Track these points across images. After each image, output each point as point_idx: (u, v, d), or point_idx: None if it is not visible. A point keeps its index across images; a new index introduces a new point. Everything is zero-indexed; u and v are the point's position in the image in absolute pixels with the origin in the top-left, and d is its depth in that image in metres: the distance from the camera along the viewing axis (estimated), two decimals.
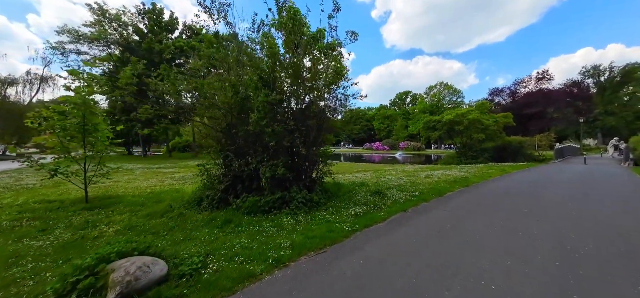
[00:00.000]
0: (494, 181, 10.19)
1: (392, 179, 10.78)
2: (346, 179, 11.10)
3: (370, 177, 11.91)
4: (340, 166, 19.18)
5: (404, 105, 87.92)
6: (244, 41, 6.26)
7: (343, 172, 14.89)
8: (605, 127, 47.06)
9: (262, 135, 5.43)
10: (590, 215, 5.31)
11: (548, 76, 30.84)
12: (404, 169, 15.97)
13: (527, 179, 10.63)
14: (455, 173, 13.47)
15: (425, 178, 11.42)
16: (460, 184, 9.33)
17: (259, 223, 4.56)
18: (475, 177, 11.49)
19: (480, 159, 20.71)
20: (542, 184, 9.13)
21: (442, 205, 6.33)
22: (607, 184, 9.20)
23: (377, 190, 7.46)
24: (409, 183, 9.67)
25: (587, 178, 10.84)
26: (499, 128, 20.95)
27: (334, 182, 8.68)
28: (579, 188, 8.38)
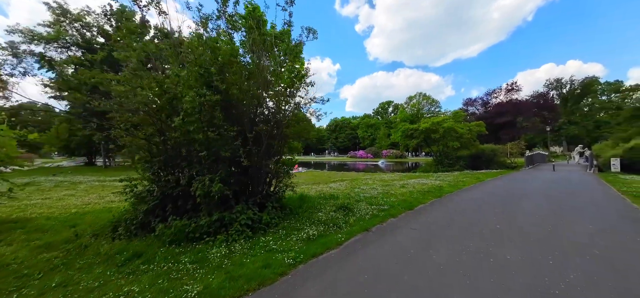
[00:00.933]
0: (467, 191, 9.70)
1: (366, 190, 10.05)
2: (318, 191, 10.22)
3: (344, 187, 11.13)
4: (318, 176, 18.31)
5: (387, 114, 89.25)
6: (198, 35, 5.29)
7: (319, 182, 14.03)
8: (569, 135, 49.90)
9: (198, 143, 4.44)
10: (567, 234, 4.74)
11: (517, 87, 32.13)
12: (382, 178, 15.37)
13: (500, 189, 10.25)
14: (430, 181, 13.02)
15: (400, 187, 10.81)
16: (434, 195, 8.73)
17: (176, 258, 3.52)
18: (449, 186, 11.02)
19: (456, 167, 20.65)
20: (516, 196, 8.71)
21: (411, 221, 5.58)
22: (580, 195, 8.94)
23: (344, 204, 6.61)
24: (382, 194, 8.96)
25: (559, 187, 10.65)
26: (473, 136, 21.09)
27: (299, 196, 7.76)
28: (553, 199, 8.00)
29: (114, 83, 4.30)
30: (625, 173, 15.57)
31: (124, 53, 4.40)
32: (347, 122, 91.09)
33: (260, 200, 5.42)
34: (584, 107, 54.86)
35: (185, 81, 4.27)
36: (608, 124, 46.77)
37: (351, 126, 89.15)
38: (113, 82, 4.34)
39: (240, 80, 5.07)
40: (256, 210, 5.02)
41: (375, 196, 8.34)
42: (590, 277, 3.07)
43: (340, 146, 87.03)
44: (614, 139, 22.06)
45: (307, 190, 10.35)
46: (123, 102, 4.13)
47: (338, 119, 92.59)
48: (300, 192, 8.53)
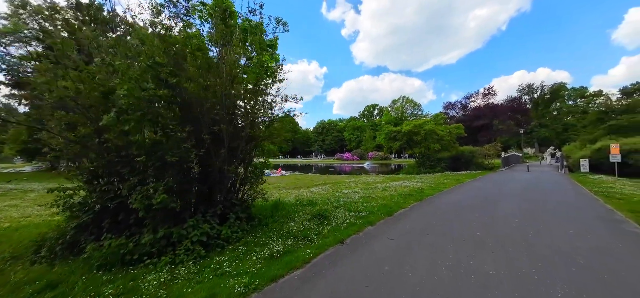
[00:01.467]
0: (447, 194, 9.49)
1: (347, 194, 9.60)
2: (298, 196, 9.64)
3: (325, 192, 10.62)
4: (301, 179, 17.72)
5: (372, 117, 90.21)
6: (151, 22, 4.58)
7: (300, 186, 13.45)
8: (540, 137, 52.51)
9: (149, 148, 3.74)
10: (548, 240, 4.47)
11: (493, 91, 33.31)
12: (365, 181, 15.02)
13: (479, 191, 10.14)
14: (412, 183, 12.81)
15: (382, 191, 10.47)
16: (415, 198, 8.41)
17: (98, 289, 2.82)
18: (430, 188, 10.81)
19: (437, 168, 20.79)
20: (495, 198, 8.57)
21: (389, 229, 5.14)
22: (555, 196, 8.96)
23: (321, 212, 6.07)
24: (363, 198, 8.53)
25: (535, 188, 10.71)
26: (453, 138, 21.36)
27: (274, 203, 7.15)
28: (530, 202, 7.90)
29: (35, 75, 3.52)
30: (594, 173, 16.23)
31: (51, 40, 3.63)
32: (334, 124, 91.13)
33: (223, 210, 4.78)
34: (553, 111, 58.08)
35: (125, 72, 3.57)
36: (575, 127, 49.71)
37: (338, 129, 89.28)
38: (35, 74, 3.56)
39: (199, 74, 4.42)
40: (216, 222, 4.37)
41: (356, 201, 7.89)
42: (579, 293, 2.72)
43: (327, 149, 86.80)
44: (581, 141, 23.24)
45: (286, 196, 9.76)
46: (42, 96, 3.36)
47: (325, 122, 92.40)
48: (275, 199, 7.92)
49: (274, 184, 14.17)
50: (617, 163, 15.25)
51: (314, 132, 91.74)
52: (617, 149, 15.27)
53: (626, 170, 15.33)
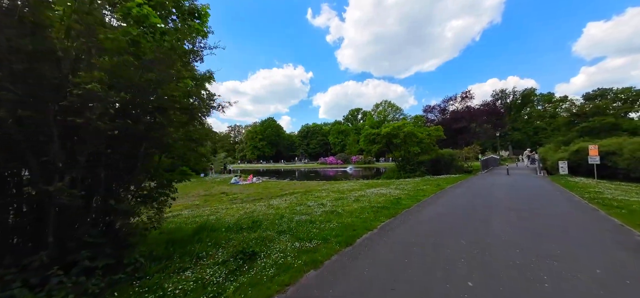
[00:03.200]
0: (427, 205, 7.86)
1: (311, 208, 7.75)
2: (248, 212, 7.67)
3: (286, 204, 8.72)
4: (271, 187, 15.66)
5: (356, 121, 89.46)
6: None
7: (262, 197, 11.45)
8: (514, 140, 53.58)
9: None
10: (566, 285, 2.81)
11: (470, 95, 33.06)
12: (340, 188, 13.24)
13: (462, 201, 8.62)
14: (390, 191, 11.19)
15: (354, 201, 8.73)
16: (388, 213, 6.69)
17: None
18: (408, 198, 9.20)
19: (417, 172, 19.49)
20: (482, 211, 7.02)
21: (341, 275, 3.31)
22: (547, 207, 7.58)
23: (248, 247, 4.12)
24: (325, 215, 6.70)
25: (521, 195, 9.38)
26: (432, 141, 20.21)
27: (197, 228, 5.14)
28: (522, 216, 6.39)
29: None
30: (573, 176, 15.45)
31: None
32: (319, 128, 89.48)
33: (60, 256, 2.74)
34: (524, 115, 59.78)
35: None
36: (545, 131, 51.15)
37: (322, 132, 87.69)
38: None
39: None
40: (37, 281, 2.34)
41: (314, 220, 6.03)
42: None
43: (311, 153, 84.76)
44: (555, 143, 22.97)
45: (233, 212, 7.74)
46: None
47: (309, 125, 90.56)
48: (204, 220, 5.92)
49: (235, 195, 12.07)
50: (596, 165, 14.51)
51: (299, 136, 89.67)
52: (595, 151, 14.50)
53: (604, 172, 14.60)
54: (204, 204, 9.69)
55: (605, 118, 21.32)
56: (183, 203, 9.99)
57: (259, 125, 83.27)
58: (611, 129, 20.21)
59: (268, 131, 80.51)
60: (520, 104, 56.55)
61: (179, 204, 9.86)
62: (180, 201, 10.58)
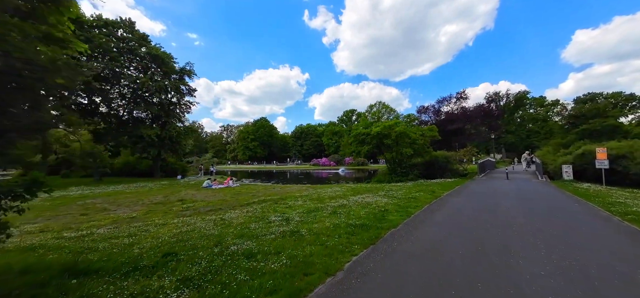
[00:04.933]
0: (420, 225, 6.03)
1: (269, 225, 5.89)
2: (184, 230, 5.75)
3: (244, 218, 6.82)
4: (247, 191, 13.55)
5: (351, 122, 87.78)
6: None
7: (226, 205, 9.49)
8: (507, 143, 52.62)
9: None
10: None
11: (465, 96, 31.65)
12: (320, 194, 11.37)
13: (463, 218, 6.85)
14: (377, 199, 9.39)
15: (330, 215, 6.90)
16: (367, 237, 4.84)
17: None
18: (397, 209, 7.40)
19: (410, 175, 17.75)
20: (492, 236, 5.23)
21: None
22: (578, 229, 5.84)
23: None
24: (284, 236, 4.86)
25: (537, 212, 7.64)
26: (426, 142, 18.52)
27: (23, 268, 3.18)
28: (551, 244, 4.62)
29: None
30: (579, 181, 13.92)
31: None
32: (313, 129, 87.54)
33: None
34: (517, 118, 59.01)
35: None
36: (538, 134, 50.32)
37: (316, 134, 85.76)
38: None
39: None
40: None
41: (261, 249, 4.16)
42: None
43: (305, 154, 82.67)
44: (554, 146, 21.63)
45: (168, 230, 5.78)
46: None
47: (303, 126, 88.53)
48: (81, 255, 3.96)
49: (193, 203, 10.06)
50: (604, 170, 12.98)
51: (292, 137, 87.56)
52: (604, 154, 12.96)
53: (612, 178, 13.08)
54: (143, 217, 7.67)
55: (606, 120, 20.11)
56: (113, 216, 7.95)
57: (251, 125, 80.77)
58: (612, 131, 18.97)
59: (260, 131, 78.13)
60: (514, 107, 55.71)
61: (107, 217, 7.83)
62: (116, 212, 8.55)
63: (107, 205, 10.05)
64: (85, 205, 10.08)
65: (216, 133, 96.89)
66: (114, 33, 23.48)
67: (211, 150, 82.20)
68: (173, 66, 24.79)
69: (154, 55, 24.24)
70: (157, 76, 24.81)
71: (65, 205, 10.30)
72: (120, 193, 13.71)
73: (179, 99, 25.11)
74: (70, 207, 9.87)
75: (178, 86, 24.54)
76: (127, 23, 24.58)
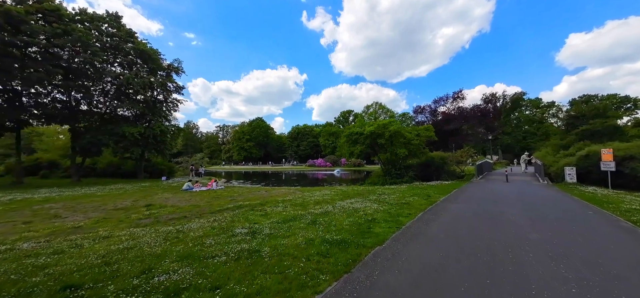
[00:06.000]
0: (411, 242, 4.95)
1: (231, 240, 4.82)
2: (114, 249, 4.68)
3: (202, 231, 5.71)
4: (223, 196, 12.28)
5: (348, 123, 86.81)
6: None
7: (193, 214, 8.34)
8: (504, 144, 51.97)
9: None
10: None
11: (462, 96, 30.77)
12: (305, 200, 10.26)
13: (465, 230, 5.81)
14: (366, 204, 8.34)
15: (306, 226, 5.88)
16: (344, 260, 3.78)
17: None
18: (386, 218, 6.34)
19: (405, 177, 16.73)
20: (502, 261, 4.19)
21: None
22: (607, 251, 4.81)
23: None
24: (238, 258, 3.82)
25: (550, 222, 6.62)
26: (422, 142, 17.51)
27: None
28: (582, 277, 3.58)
29: None
30: (583, 184, 12.99)
31: None
32: (309, 129, 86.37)
33: None
34: (513, 120, 58.46)
35: None
36: (534, 135, 49.75)
37: (313, 134, 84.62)
38: None
39: None
40: None
41: (195, 280, 3.07)
42: None
43: (302, 155, 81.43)
44: (553, 147, 20.79)
45: (89, 249, 4.65)
46: None
47: (300, 127, 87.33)
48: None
49: (161, 210, 8.90)
50: (610, 172, 12.06)
51: (289, 137, 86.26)
52: (610, 155, 12.04)
53: (618, 181, 12.16)
54: (91, 226, 6.51)
55: (607, 120, 19.32)
56: (58, 225, 6.79)
57: (246, 125, 79.31)
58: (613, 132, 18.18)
59: (256, 131, 76.74)
60: (510, 109, 55.10)
61: (50, 225, 6.67)
62: (66, 220, 7.36)
63: (63, 211, 8.86)
64: (39, 210, 8.87)
65: (212, 133, 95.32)
66: (99, 28, 22.23)
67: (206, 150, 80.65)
68: (160, 63, 23.54)
69: (140, 51, 23.00)
70: (144, 73, 23.57)
71: (17, 210, 9.09)
72: (89, 196, 12.49)
73: (166, 96, 23.84)
74: (21, 212, 8.67)
75: (165, 83, 23.30)
76: (112, 17, 23.33)
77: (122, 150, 20.94)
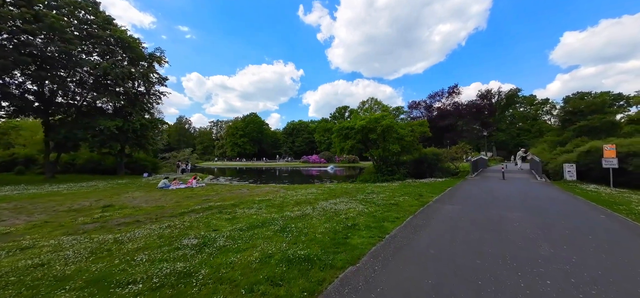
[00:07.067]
0: (393, 259, 3.98)
1: (176, 253, 3.79)
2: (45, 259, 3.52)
3: (142, 243, 4.66)
4: (192, 195, 11.16)
5: (343, 119, 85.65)
6: None
7: (157, 217, 7.26)
8: (498, 141, 51.51)
9: None
10: None
11: (458, 91, 29.95)
12: (286, 199, 9.26)
13: (461, 245, 4.88)
14: (351, 205, 7.37)
15: (277, 231, 4.93)
16: (297, 288, 2.76)
17: None
18: (371, 222, 5.37)
19: (397, 175, 15.82)
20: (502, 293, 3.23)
21: None
22: (616, 263, 3.92)
23: None
24: (165, 284, 2.71)
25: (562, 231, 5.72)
26: (415, 138, 16.58)
27: None
28: None
29: None
30: (584, 182, 12.21)
31: None
32: (305, 125, 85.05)
33: None
34: (507, 117, 57.98)
35: None
36: (529, 132, 49.33)
37: (308, 130, 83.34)
38: None
39: None
40: None
41: None
42: None
43: (297, 151, 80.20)
44: (550, 143, 20.10)
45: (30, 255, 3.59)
46: None
47: (295, 122, 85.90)
48: None
49: (132, 208, 7.84)
50: (612, 169, 11.27)
51: (284, 133, 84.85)
52: (612, 152, 11.22)
53: (620, 179, 11.39)
54: (20, 233, 5.40)
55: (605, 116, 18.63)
56: None
57: (240, 121, 77.45)
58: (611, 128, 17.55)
59: (250, 127, 75.08)
60: (505, 105, 54.57)
61: None
62: (4, 223, 6.24)
63: (10, 212, 7.71)
64: None
65: (205, 128, 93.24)
66: (75, 14, 20.66)
67: (199, 146, 78.87)
68: (141, 52, 22.07)
69: (119, 39, 21.50)
70: (124, 62, 22.10)
71: None
72: (51, 195, 11.29)
73: (148, 88, 22.42)
74: None
75: (147, 74, 21.88)
76: (90, 3, 21.73)
77: (98, 145, 19.60)
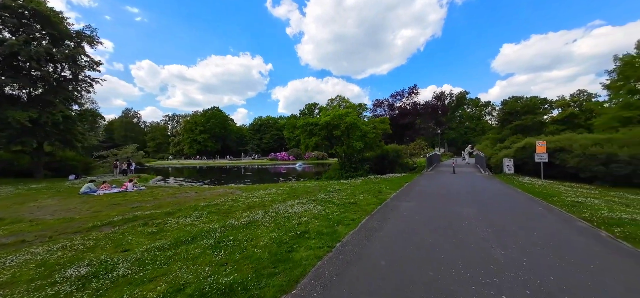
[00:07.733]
0: (334, 276, 3.34)
1: (61, 277, 2.36)
2: None
3: (23, 270, 3.17)
4: (113, 203, 9.24)
5: (313, 116, 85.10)
6: None
7: (41, 237, 5.57)
8: (449, 138, 56.62)
9: None
10: None
11: (416, 91, 31.71)
12: (235, 202, 8.12)
13: (412, 252, 4.45)
14: (308, 207, 6.62)
15: (207, 248, 3.89)
16: None
17: None
18: (324, 226, 4.67)
19: (360, 171, 15.71)
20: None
21: None
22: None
23: None
24: None
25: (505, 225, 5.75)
26: (378, 135, 16.71)
27: None
28: None
29: None
30: (519, 175, 13.56)
31: None
32: (273, 121, 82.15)
33: None
34: (457, 117, 64.18)
35: None
36: (474, 131, 55.26)
37: (277, 126, 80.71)
38: None
39: None
40: None
41: None
42: None
43: (265, 148, 77.05)
44: (491, 140, 22.40)
45: None
46: None
47: (263, 118, 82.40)
48: None
49: (32, 221, 5.80)
50: (543, 164, 12.65)
51: (250, 130, 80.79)
52: (543, 147, 12.56)
53: (550, 172, 12.88)
54: None
55: (536, 117, 21.45)
56: None
57: (199, 115, 70.66)
58: (541, 127, 20.30)
59: (211, 122, 69.23)
60: (455, 106, 60.14)
61: None
62: None
63: None
64: None
65: (158, 123, 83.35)
66: None
67: (151, 143, 70.31)
68: (65, 29, 18.03)
69: (35, 11, 17.21)
70: (44, 41, 17.82)
71: None
72: None
73: (76, 73, 18.48)
74: None
75: (73, 55, 17.97)
76: None
77: (6, 141, 15.50)
